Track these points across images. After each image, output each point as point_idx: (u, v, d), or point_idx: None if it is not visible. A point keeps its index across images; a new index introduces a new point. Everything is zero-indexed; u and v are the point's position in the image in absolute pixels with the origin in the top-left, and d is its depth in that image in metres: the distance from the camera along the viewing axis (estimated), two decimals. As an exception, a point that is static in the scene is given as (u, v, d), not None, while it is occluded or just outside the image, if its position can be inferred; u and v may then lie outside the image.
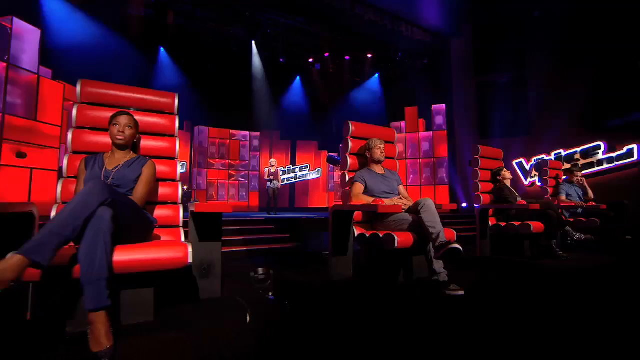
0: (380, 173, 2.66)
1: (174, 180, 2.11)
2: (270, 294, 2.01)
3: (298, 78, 11.77)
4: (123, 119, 1.76)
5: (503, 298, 2.07)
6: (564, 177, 4.63)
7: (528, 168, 8.24)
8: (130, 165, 1.76)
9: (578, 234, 3.80)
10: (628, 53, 6.89)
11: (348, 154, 2.77)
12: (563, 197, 4.32)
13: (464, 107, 9.03)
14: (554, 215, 3.31)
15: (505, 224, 3.48)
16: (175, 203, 2.06)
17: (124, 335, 1.40)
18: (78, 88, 1.94)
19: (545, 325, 1.54)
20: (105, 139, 1.90)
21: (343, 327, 1.54)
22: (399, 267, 2.45)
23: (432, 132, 8.47)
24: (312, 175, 10.98)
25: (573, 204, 4.06)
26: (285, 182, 10.60)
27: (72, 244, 1.43)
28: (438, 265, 2.15)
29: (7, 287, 1.08)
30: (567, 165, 6.09)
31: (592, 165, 7.33)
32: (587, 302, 1.98)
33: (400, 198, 2.52)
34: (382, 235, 2.21)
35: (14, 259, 1.12)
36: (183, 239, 1.94)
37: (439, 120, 8.49)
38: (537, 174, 7.91)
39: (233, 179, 9.77)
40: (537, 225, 3.27)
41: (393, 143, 3.00)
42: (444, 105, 8.53)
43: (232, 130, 9.78)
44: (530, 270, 2.84)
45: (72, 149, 1.91)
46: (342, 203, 2.74)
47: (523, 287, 2.35)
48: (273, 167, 7.43)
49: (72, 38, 7.33)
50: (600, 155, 7.26)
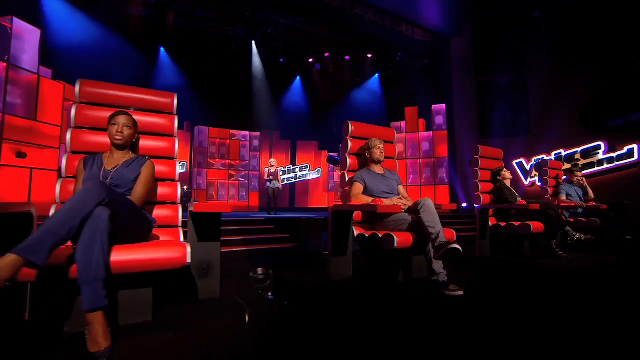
0: (380, 173, 2.66)
1: (173, 180, 2.10)
2: (270, 294, 2.01)
3: (298, 78, 11.77)
4: (122, 119, 1.75)
5: (503, 298, 2.06)
6: (564, 177, 4.63)
7: (528, 168, 8.23)
8: (129, 165, 1.76)
9: (578, 234, 3.80)
10: (628, 53, 6.88)
11: (347, 154, 2.77)
12: (563, 197, 4.31)
13: (464, 107, 9.02)
14: (554, 215, 3.30)
15: (505, 224, 3.48)
16: (175, 203, 2.06)
17: (123, 336, 1.39)
18: (77, 88, 1.93)
19: (545, 326, 1.53)
20: (104, 139, 1.90)
21: (342, 327, 1.54)
22: (399, 267, 2.44)
23: (432, 132, 8.47)
24: (312, 175, 10.98)
25: (573, 204, 4.06)
26: (285, 182, 10.59)
27: (70, 244, 1.43)
28: (437, 266, 2.15)
29: (1, 286, 1.07)
30: (567, 165, 6.09)
31: (592, 165, 7.32)
32: (587, 302, 1.98)
33: (400, 198, 2.52)
34: (381, 236, 2.21)
35: (9, 259, 1.11)
36: (182, 239, 1.94)
37: (439, 120, 8.49)
38: (537, 174, 7.90)
39: (233, 179, 9.77)
40: (537, 226, 3.26)
41: (393, 143, 3.00)
42: (444, 105, 8.53)
43: (232, 130, 9.79)
44: (530, 271, 2.84)
45: (70, 149, 1.90)
46: (341, 203, 2.74)
47: (523, 287, 2.35)
48: (273, 167, 7.42)
49: (72, 38, 7.33)
50: (601, 155, 7.25)
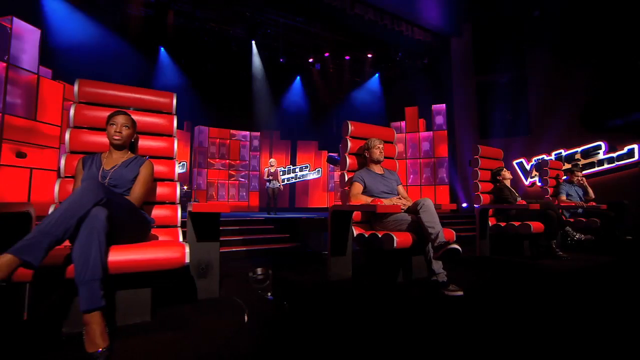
0: (380, 173, 2.66)
1: (172, 180, 2.10)
2: (269, 294, 2.01)
3: (298, 78, 11.77)
4: (120, 119, 1.75)
5: (502, 298, 2.06)
6: (565, 177, 4.62)
7: (528, 168, 8.22)
8: (128, 165, 1.75)
9: (578, 234, 3.79)
10: (628, 53, 6.87)
11: (347, 154, 2.76)
12: (563, 197, 4.31)
13: (464, 107, 9.01)
14: (554, 216, 3.30)
15: (505, 224, 3.47)
16: (173, 203, 2.06)
17: (121, 336, 1.39)
18: (76, 88, 1.93)
19: (545, 326, 1.53)
20: (103, 139, 1.90)
21: (341, 327, 1.53)
22: (398, 267, 2.44)
23: (432, 132, 8.47)
24: (312, 175, 10.98)
25: (573, 204, 4.05)
26: (285, 182, 10.59)
27: (67, 244, 1.42)
28: (437, 266, 2.15)
29: None
30: (567, 165, 6.08)
31: (592, 165, 7.31)
32: (587, 302, 1.97)
33: (399, 198, 2.52)
34: (380, 236, 2.20)
35: (4, 259, 1.11)
36: (181, 239, 1.94)
37: (439, 120, 8.48)
38: (537, 174, 7.89)
39: (233, 179, 9.77)
40: (537, 226, 3.26)
41: (392, 143, 2.99)
42: (444, 105, 8.53)
43: (232, 130, 9.79)
44: (530, 271, 2.83)
45: (69, 149, 1.90)
46: (341, 203, 2.73)
47: (523, 287, 2.34)
48: (272, 167, 7.41)
49: (72, 38, 7.34)
50: (601, 155, 7.24)
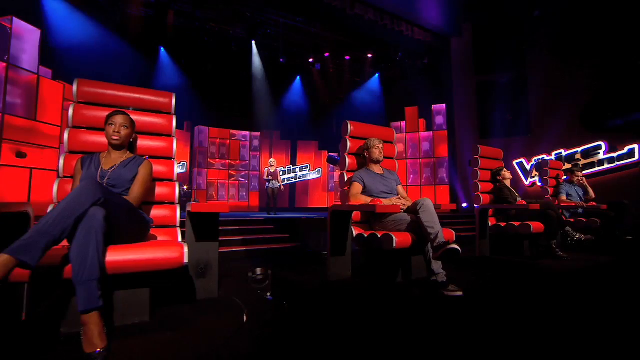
0: (379, 173, 2.65)
1: (171, 180, 2.10)
2: (268, 294, 2.00)
3: (298, 78, 11.76)
4: (119, 119, 1.74)
5: (502, 299, 2.05)
6: (565, 177, 4.62)
7: (529, 168, 8.22)
8: (127, 165, 1.75)
9: (578, 234, 3.79)
10: (628, 52, 6.86)
11: (346, 154, 2.76)
12: (563, 197, 4.30)
13: (464, 107, 9.00)
14: (554, 216, 3.29)
15: (505, 224, 3.46)
16: (173, 203, 2.05)
17: (119, 336, 1.39)
18: (75, 87, 1.93)
19: (545, 326, 1.52)
20: (102, 139, 1.90)
21: (340, 327, 1.53)
22: (398, 267, 2.44)
23: (432, 132, 8.46)
24: (312, 175, 10.98)
25: (573, 204, 4.04)
26: (286, 182, 10.58)
27: (65, 244, 1.42)
28: (437, 266, 2.14)
29: None
30: (567, 165, 6.08)
31: (592, 165, 7.31)
32: (587, 302, 1.97)
33: (399, 198, 2.51)
34: (380, 236, 2.20)
35: (0, 259, 1.11)
36: (180, 239, 1.94)
37: (439, 120, 8.48)
38: (537, 174, 7.89)
39: (233, 179, 9.77)
40: (536, 226, 3.25)
41: (392, 143, 2.99)
42: (444, 105, 8.52)
43: (232, 130, 9.79)
44: (530, 271, 2.83)
45: (68, 149, 1.90)
46: (340, 203, 2.73)
47: (522, 287, 2.34)
48: (272, 167, 7.40)
49: (72, 38, 7.34)
50: (601, 155, 7.23)
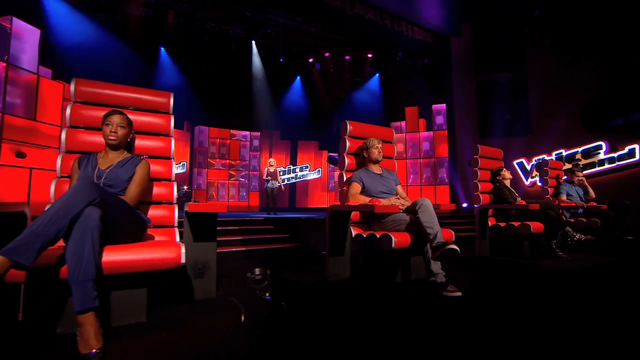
0: (378, 173, 2.64)
1: (169, 180, 2.09)
2: (267, 295, 2.00)
3: (298, 78, 11.75)
4: (116, 119, 1.74)
5: (501, 299, 2.04)
6: (565, 177, 4.60)
7: (529, 168, 8.20)
8: (124, 165, 1.74)
9: (578, 235, 3.77)
10: (629, 52, 6.84)
11: (346, 154, 2.75)
12: (564, 197, 4.29)
13: (465, 106, 8.99)
14: (554, 216, 3.28)
15: (505, 224, 3.45)
16: (170, 203, 2.05)
17: (116, 336, 1.38)
18: (72, 87, 1.92)
19: (545, 327, 1.51)
20: (100, 139, 1.89)
21: (338, 327, 1.52)
22: (397, 267, 2.43)
23: (432, 132, 8.45)
24: (312, 175, 10.97)
25: (574, 204, 4.03)
26: (286, 182, 10.58)
27: (62, 244, 1.42)
28: (436, 266, 2.13)
29: None
30: (568, 165, 6.06)
31: (593, 165, 7.28)
32: (587, 303, 1.96)
33: (398, 198, 2.50)
34: (379, 236, 2.19)
35: None
36: (178, 239, 1.93)
37: (440, 120, 8.46)
38: (537, 174, 7.87)
39: (233, 179, 9.77)
40: (536, 226, 3.24)
41: (391, 143, 2.98)
42: (445, 105, 8.51)
43: (232, 130, 9.79)
44: (530, 271, 2.82)
45: (65, 149, 1.90)
46: (339, 203, 2.72)
47: (522, 288, 2.33)
48: (272, 167, 7.38)
49: (73, 38, 7.35)
50: (602, 155, 7.21)
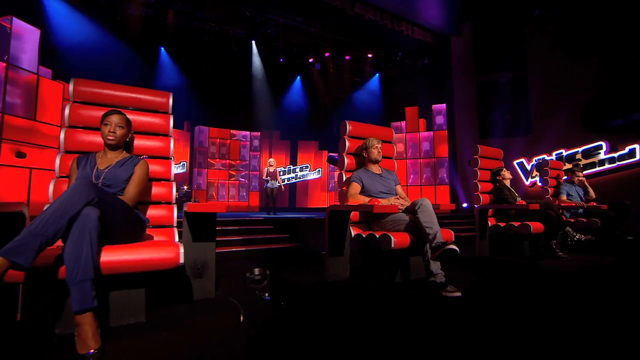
0: (378, 173, 2.64)
1: (168, 180, 2.09)
2: (267, 295, 1.99)
3: (298, 78, 11.75)
4: (114, 119, 1.73)
5: (501, 299, 2.04)
6: (565, 177, 4.59)
7: (529, 168, 8.19)
8: (122, 165, 1.74)
9: (578, 235, 3.76)
10: (629, 52, 6.84)
11: (345, 154, 2.75)
12: (564, 197, 4.28)
13: (465, 106, 8.98)
14: (554, 216, 3.28)
15: (505, 224, 3.45)
16: (169, 203, 2.04)
17: (114, 337, 1.38)
18: (71, 87, 1.92)
19: (544, 327, 1.51)
20: (98, 139, 1.89)
21: (338, 327, 1.52)
22: (396, 267, 2.42)
23: (432, 132, 8.45)
24: (312, 175, 10.96)
25: (574, 204, 4.02)
26: (286, 182, 10.58)
27: (60, 244, 1.41)
28: (435, 267, 2.13)
29: None
30: (568, 165, 6.05)
31: (593, 165, 7.27)
32: (587, 303, 1.95)
33: (397, 198, 2.50)
34: (378, 236, 2.19)
35: None
36: (177, 239, 1.93)
37: (440, 120, 8.46)
38: (538, 174, 7.87)
39: (233, 179, 9.77)
40: (536, 226, 3.24)
41: (391, 143, 2.98)
42: (445, 105, 8.50)
43: (232, 130, 9.79)
44: (530, 271, 2.81)
45: (64, 149, 1.89)
46: (339, 203, 2.72)
47: (522, 288, 2.32)
48: (272, 167, 7.37)
49: (73, 38, 7.35)
50: (602, 155, 7.20)
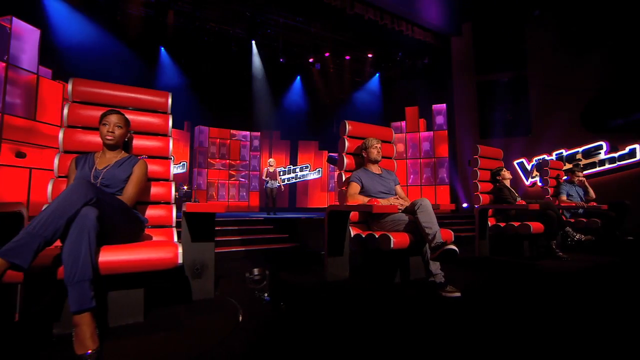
0: (377, 173, 2.64)
1: (167, 180, 2.09)
2: (266, 295, 1.99)
3: (298, 78, 11.74)
4: (113, 118, 1.73)
5: (501, 300, 2.03)
6: (565, 177, 4.59)
7: (529, 168, 8.19)
8: (121, 165, 1.74)
9: (578, 235, 3.76)
10: (629, 52, 6.83)
11: (345, 154, 2.74)
12: (564, 197, 4.27)
13: (465, 106, 8.97)
14: (554, 216, 3.27)
15: (505, 225, 3.44)
16: (168, 203, 2.04)
17: (112, 337, 1.38)
18: (69, 87, 1.92)
19: (544, 328, 1.51)
20: (97, 139, 1.88)
21: (337, 328, 1.52)
22: (396, 268, 2.42)
23: (432, 132, 8.45)
24: (312, 176, 10.96)
25: (574, 204, 4.02)
26: (286, 182, 10.58)
27: (59, 244, 1.41)
28: (434, 267, 2.12)
29: None
30: (568, 165, 6.05)
31: (593, 165, 7.27)
32: (587, 303, 1.95)
33: (397, 198, 2.50)
34: (378, 236, 2.19)
35: None
36: (176, 239, 1.93)
37: (440, 120, 8.46)
38: (538, 174, 7.86)
39: (233, 179, 9.77)
40: (536, 226, 3.23)
41: (390, 142, 2.97)
42: (445, 105, 8.50)
43: (232, 130, 9.79)
44: (530, 271, 2.81)
45: (63, 149, 1.89)
46: (338, 203, 2.72)
47: (522, 288, 2.32)
48: (271, 167, 7.36)
49: (73, 38, 7.36)
50: (602, 155, 7.19)
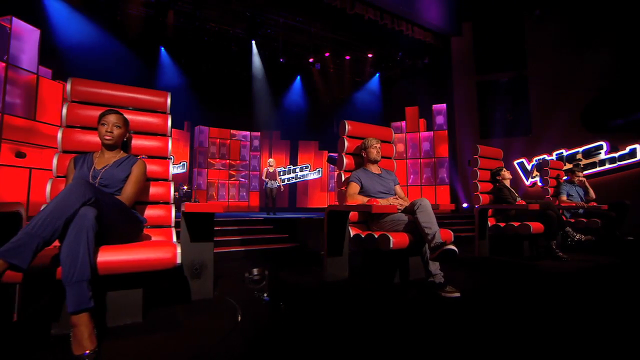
0: (377, 173, 2.63)
1: (166, 180, 2.08)
2: (265, 295, 1.99)
3: (298, 78, 11.74)
4: (111, 118, 1.72)
5: (500, 300, 2.03)
6: (565, 177, 4.58)
7: (529, 168, 8.18)
8: (120, 165, 1.73)
9: (578, 235, 3.75)
10: (630, 52, 6.82)
11: (344, 154, 2.74)
12: (564, 197, 4.27)
13: (465, 106, 8.96)
14: (554, 216, 3.27)
15: (505, 225, 3.44)
16: (167, 203, 2.04)
17: (111, 337, 1.37)
18: (68, 86, 1.92)
19: (544, 328, 1.50)
20: (96, 139, 1.88)
21: (336, 328, 1.51)
22: (395, 268, 2.42)
23: (432, 132, 8.44)
24: (312, 176, 10.96)
25: (574, 205, 4.01)
26: (286, 182, 10.58)
27: (58, 244, 1.41)
28: (434, 267, 2.12)
29: None
30: (568, 165, 6.04)
31: (594, 166, 7.26)
32: (587, 304, 1.94)
33: (396, 198, 2.49)
34: (377, 236, 2.18)
35: None
36: (175, 240, 1.93)
37: (440, 120, 8.46)
38: (538, 174, 7.85)
39: (233, 179, 9.77)
40: (536, 226, 3.23)
41: (390, 142, 2.97)
42: (445, 105, 8.49)
43: (232, 130, 9.80)
44: (529, 272, 2.80)
45: (62, 149, 1.89)
46: (338, 203, 2.71)
47: (521, 288, 2.31)
48: (271, 167, 7.35)
49: (73, 38, 7.36)
50: (603, 155, 7.18)
